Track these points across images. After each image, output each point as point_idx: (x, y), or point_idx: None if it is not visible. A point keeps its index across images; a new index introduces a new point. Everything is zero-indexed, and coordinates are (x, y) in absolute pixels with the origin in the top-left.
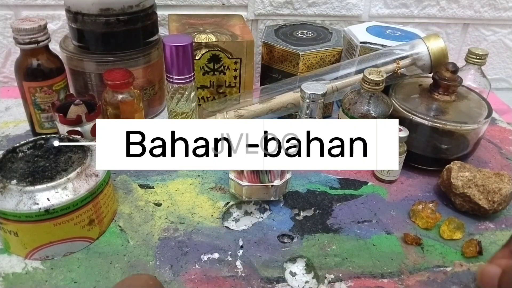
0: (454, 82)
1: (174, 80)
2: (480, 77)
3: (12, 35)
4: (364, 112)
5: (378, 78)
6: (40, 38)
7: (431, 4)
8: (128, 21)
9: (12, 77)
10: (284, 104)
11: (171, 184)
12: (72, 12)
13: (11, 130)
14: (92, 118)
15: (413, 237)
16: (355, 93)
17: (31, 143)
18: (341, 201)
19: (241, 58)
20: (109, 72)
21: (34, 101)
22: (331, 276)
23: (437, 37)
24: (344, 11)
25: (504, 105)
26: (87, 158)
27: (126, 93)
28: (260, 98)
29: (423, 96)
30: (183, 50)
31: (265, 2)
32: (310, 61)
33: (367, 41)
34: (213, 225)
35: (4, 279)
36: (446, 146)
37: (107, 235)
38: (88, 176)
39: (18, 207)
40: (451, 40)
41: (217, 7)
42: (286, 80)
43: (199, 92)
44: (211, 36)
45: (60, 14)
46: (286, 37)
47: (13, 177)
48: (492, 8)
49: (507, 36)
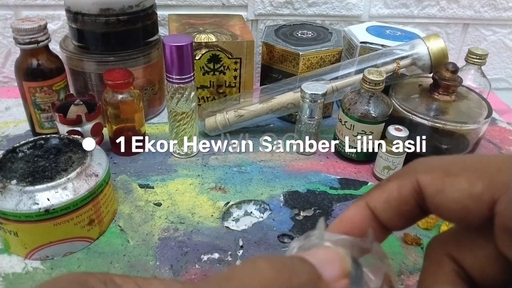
0: (454, 82)
1: (174, 80)
2: (480, 77)
3: (12, 35)
4: (364, 112)
5: (378, 78)
6: (40, 38)
7: (431, 4)
8: (128, 21)
9: (12, 77)
10: (284, 104)
11: (171, 184)
12: (72, 12)
13: (11, 130)
14: (92, 118)
15: (413, 237)
16: (355, 93)
17: (31, 143)
18: (341, 201)
19: (241, 58)
20: (109, 72)
21: (34, 101)
22: None
23: (437, 37)
24: (344, 11)
25: (504, 105)
26: (87, 158)
27: (126, 93)
28: (260, 98)
29: (423, 96)
30: (183, 50)
31: (265, 2)
32: (310, 61)
33: (367, 41)
34: (213, 225)
35: (4, 279)
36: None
37: (107, 235)
38: (88, 176)
39: (18, 207)
40: (451, 40)
41: (217, 7)
42: (286, 80)
43: (199, 92)
44: (211, 36)
45: (60, 14)
46: (286, 37)
47: (13, 177)
48: (492, 8)
49: (507, 36)
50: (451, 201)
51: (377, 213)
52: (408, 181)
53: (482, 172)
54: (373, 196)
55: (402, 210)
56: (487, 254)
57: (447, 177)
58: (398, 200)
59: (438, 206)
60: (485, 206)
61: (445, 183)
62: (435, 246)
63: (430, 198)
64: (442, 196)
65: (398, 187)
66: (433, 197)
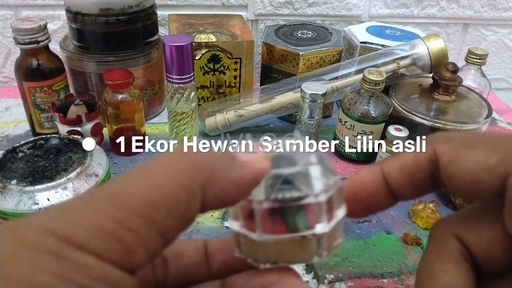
0: (454, 82)
1: (174, 80)
2: (480, 77)
3: (12, 35)
4: (364, 112)
5: (378, 78)
6: (40, 38)
7: (431, 4)
8: (128, 21)
9: (12, 77)
10: (284, 104)
11: None
12: (72, 12)
13: (11, 130)
14: (92, 118)
15: (413, 237)
16: (355, 93)
17: (31, 143)
18: None
19: (241, 58)
20: (109, 72)
21: (34, 101)
22: (331, 276)
23: (437, 37)
24: (344, 11)
25: (504, 105)
26: (87, 158)
27: (126, 93)
28: (260, 98)
29: (423, 96)
30: (183, 50)
31: (265, 2)
32: (310, 61)
33: (367, 41)
34: (213, 225)
35: None
36: None
37: None
38: (88, 176)
39: (18, 207)
40: (451, 40)
41: (217, 7)
42: (286, 80)
43: (199, 92)
44: (211, 36)
45: (60, 14)
46: (286, 37)
47: (13, 177)
48: (492, 8)
49: (507, 36)
50: (464, 171)
51: (389, 179)
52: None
53: (498, 146)
54: (388, 163)
55: (415, 178)
56: (494, 235)
57: (463, 148)
58: (412, 167)
59: (451, 176)
60: (497, 179)
61: (461, 154)
62: (441, 226)
63: (444, 167)
64: (456, 166)
65: (415, 155)
66: (447, 166)
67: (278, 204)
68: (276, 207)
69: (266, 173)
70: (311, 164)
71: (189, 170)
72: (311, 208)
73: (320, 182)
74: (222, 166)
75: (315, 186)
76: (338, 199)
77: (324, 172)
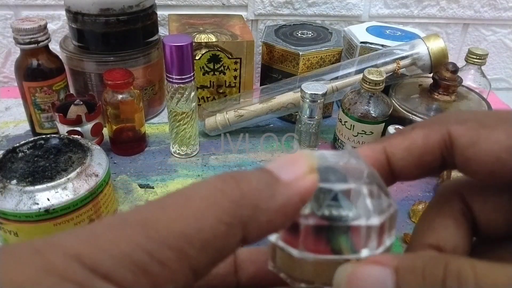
0: (454, 82)
1: (174, 80)
2: (480, 77)
3: (12, 35)
4: (364, 112)
5: (378, 78)
6: (40, 38)
7: (431, 4)
8: (128, 21)
9: (12, 77)
10: (284, 104)
11: (171, 184)
12: (72, 12)
13: (11, 130)
14: (92, 118)
15: None
16: (355, 93)
17: (31, 143)
18: None
19: (241, 58)
20: (109, 72)
21: (34, 101)
22: None
23: (437, 37)
24: (344, 11)
25: (504, 105)
26: (87, 158)
27: (126, 93)
28: (260, 98)
29: (423, 96)
30: (183, 50)
31: (265, 2)
32: (310, 61)
33: (367, 41)
34: None
35: None
36: None
37: None
38: (88, 176)
39: (18, 207)
40: (451, 40)
41: (217, 7)
42: (286, 80)
43: (199, 92)
44: (211, 36)
45: (60, 14)
46: (286, 37)
47: (13, 177)
48: (492, 8)
49: (507, 36)
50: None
51: (393, 160)
52: (437, 130)
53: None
54: (392, 142)
55: (423, 160)
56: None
57: (482, 128)
58: (422, 149)
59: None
60: None
61: (480, 135)
62: (449, 186)
63: (462, 150)
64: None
65: (425, 136)
66: (465, 149)
67: (326, 222)
68: (323, 224)
69: (314, 191)
70: (365, 182)
71: (229, 205)
72: (360, 230)
73: (374, 203)
74: (265, 195)
75: (368, 207)
76: (389, 224)
77: (378, 192)
